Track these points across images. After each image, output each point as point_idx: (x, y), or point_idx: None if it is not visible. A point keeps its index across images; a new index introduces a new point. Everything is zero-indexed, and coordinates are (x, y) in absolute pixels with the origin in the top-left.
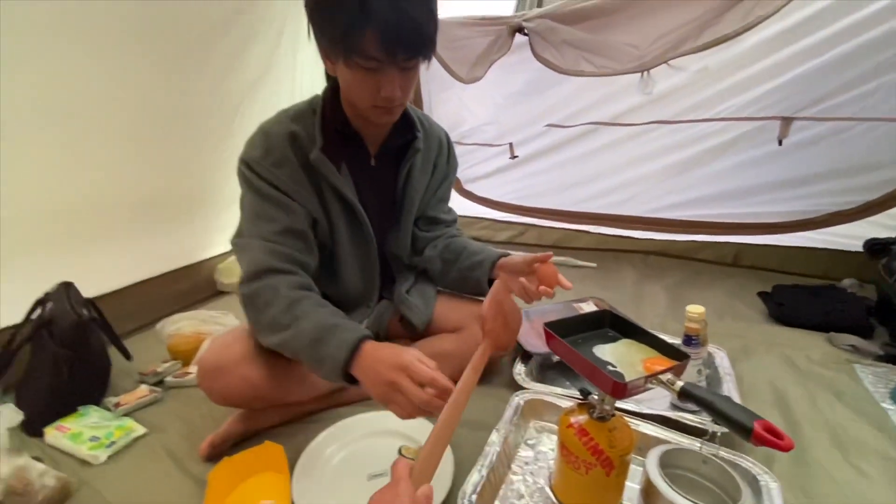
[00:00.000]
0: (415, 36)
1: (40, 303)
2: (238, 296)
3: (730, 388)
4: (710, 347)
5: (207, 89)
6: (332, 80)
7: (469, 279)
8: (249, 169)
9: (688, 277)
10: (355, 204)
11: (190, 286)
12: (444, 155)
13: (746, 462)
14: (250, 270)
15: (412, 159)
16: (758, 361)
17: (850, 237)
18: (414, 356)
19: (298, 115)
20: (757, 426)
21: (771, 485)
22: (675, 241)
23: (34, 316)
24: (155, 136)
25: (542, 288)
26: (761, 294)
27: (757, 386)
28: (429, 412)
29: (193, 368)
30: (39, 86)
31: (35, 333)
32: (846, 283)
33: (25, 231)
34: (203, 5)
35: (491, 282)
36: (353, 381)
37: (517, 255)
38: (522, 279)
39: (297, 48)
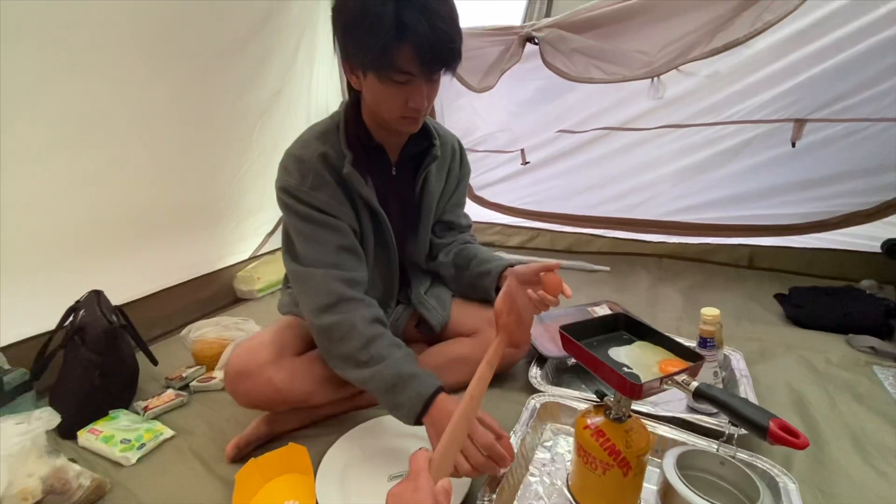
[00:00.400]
0: (448, 51)
1: (73, 310)
2: (309, 326)
3: (746, 390)
4: (727, 350)
5: (228, 104)
6: (353, 94)
7: (478, 287)
8: (290, 196)
9: (703, 280)
10: (381, 213)
11: (211, 294)
12: (457, 161)
13: (764, 463)
14: (322, 302)
15: (430, 166)
16: (775, 364)
17: (868, 238)
18: (479, 419)
19: (323, 133)
20: (772, 424)
21: (789, 486)
22: (688, 243)
23: (67, 323)
24: (178, 149)
25: (540, 292)
26: (778, 296)
27: (774, 388)
28: (480, 473)
29: (217, 373)
30: (65, 101)
31: (68, 340)
32: (865, 284)
33: (57, 242)
34: (223, 23)
35: (499, 290)
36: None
37: (524, 265)
38: (529, 291)
39: (313, 63)
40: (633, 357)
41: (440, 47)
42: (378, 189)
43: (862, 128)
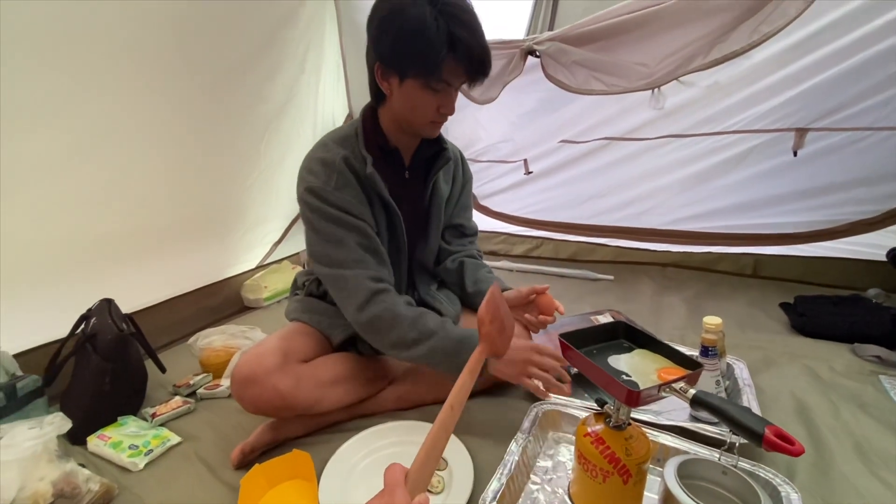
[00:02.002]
0: (487, 63)
1: (84, 318)
2: (355, 323)
3: (749, 399)
4: (730, 359)
5: (236, 117)
6: (371, 101)
7: (471, 305)
8: (315, 196)
9: (707, 289)
10: (398, 214)
11: (219, 302)
12: (459, 167)
13: (767, 472)
14: (360, 300)
15: (441, 169)
16: (779, 373)
17: (874, 246)
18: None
19: (344, 139)
20: (768, 431)
21: (792, 495)
22: (692, 252)
23: (79, 330)
24: (187, 161)
25: (541, 317)
26: (783, 305)
27: (778, 397)
28: (561, 378)
29: (224, 381)
30: (77, 114)
31: (79, 347)
32: (871, 292)
33: (70, 252)
34: (232, 39)
35: None
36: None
37: (515, 290)
38: (528, 315)
39: (319, 77)
40: (633, 365)
41: (483, 61)
42: (392, 191)
43: (864, 137)
